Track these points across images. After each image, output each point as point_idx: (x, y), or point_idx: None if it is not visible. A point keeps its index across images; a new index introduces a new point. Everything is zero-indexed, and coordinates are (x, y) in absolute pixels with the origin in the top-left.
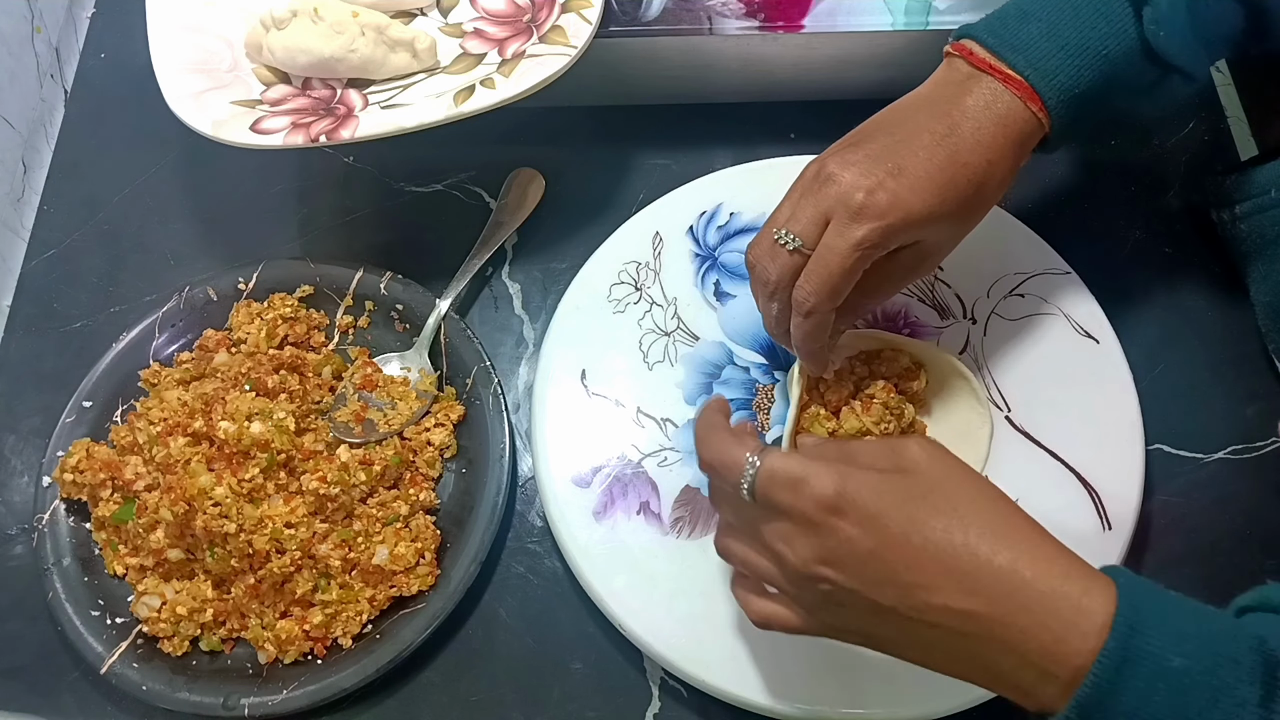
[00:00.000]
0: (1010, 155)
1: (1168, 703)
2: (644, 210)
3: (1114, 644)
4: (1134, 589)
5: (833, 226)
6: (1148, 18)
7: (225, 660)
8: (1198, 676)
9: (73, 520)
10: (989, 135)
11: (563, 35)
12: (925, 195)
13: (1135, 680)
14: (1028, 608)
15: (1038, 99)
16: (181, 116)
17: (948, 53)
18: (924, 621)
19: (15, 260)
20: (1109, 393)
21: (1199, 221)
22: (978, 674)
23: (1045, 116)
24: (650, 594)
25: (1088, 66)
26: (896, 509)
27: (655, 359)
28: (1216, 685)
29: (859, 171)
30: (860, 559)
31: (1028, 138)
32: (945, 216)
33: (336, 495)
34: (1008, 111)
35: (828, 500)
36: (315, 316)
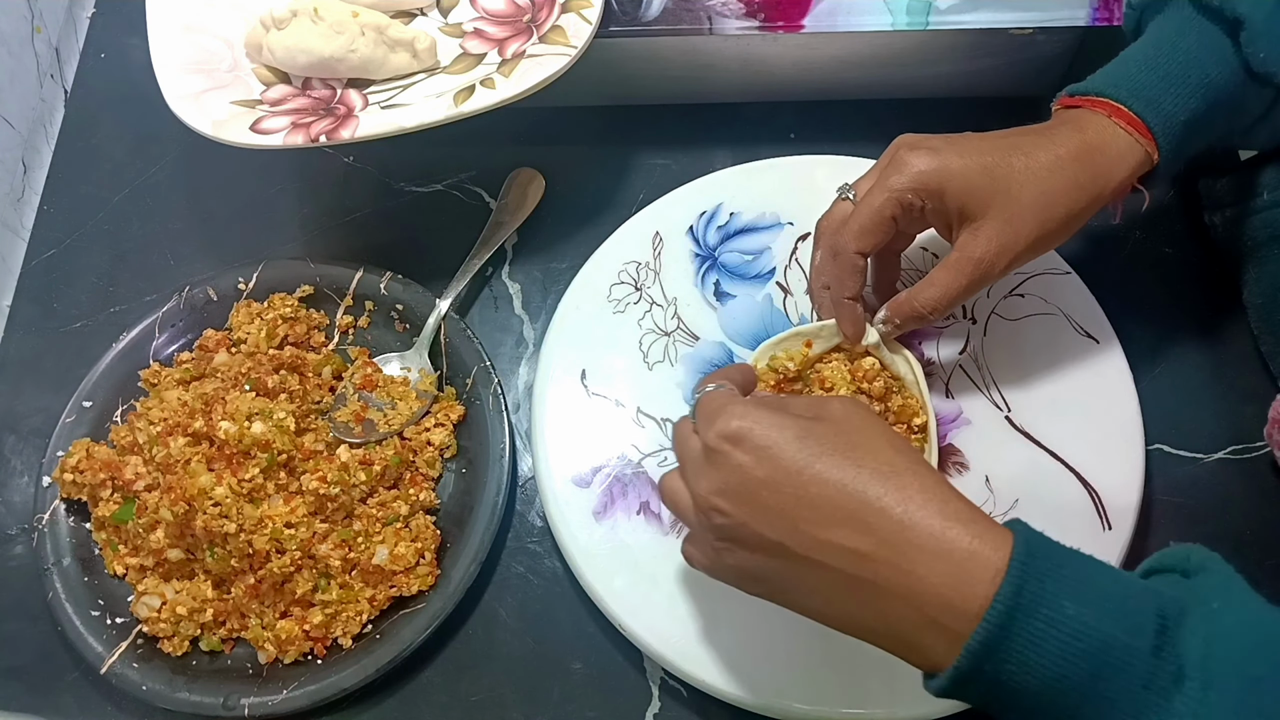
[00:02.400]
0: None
1: (1059, 649)
2: (644, 210)
3: (1008, 588)
4: (1031, 538)
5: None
6: (1244, 39)
7: (225, 660)
8: (1090, 623)
9: (73, 520)
10: (1064, 140)
11: (563, 35)
12: (968, 160)
13: (1028, 625)
14: (916, 550)
15: (1140, 123)
16: (181, 116)
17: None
18: (813, 560)
19: (15, 260)
20: (1109, 393)
21: (1198, 222)
22: (871, 625)
23: (1151, 143)
24: (650, 594)
25: (1192, 94)
26: (793, 443)
27: (655, 359)
28: (1108, 633)
29: (923, 136)
30: (751, 488)
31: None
32: (986, 192)
33: (336, 495)
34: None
35: (729, 431)
36: (315, 316)
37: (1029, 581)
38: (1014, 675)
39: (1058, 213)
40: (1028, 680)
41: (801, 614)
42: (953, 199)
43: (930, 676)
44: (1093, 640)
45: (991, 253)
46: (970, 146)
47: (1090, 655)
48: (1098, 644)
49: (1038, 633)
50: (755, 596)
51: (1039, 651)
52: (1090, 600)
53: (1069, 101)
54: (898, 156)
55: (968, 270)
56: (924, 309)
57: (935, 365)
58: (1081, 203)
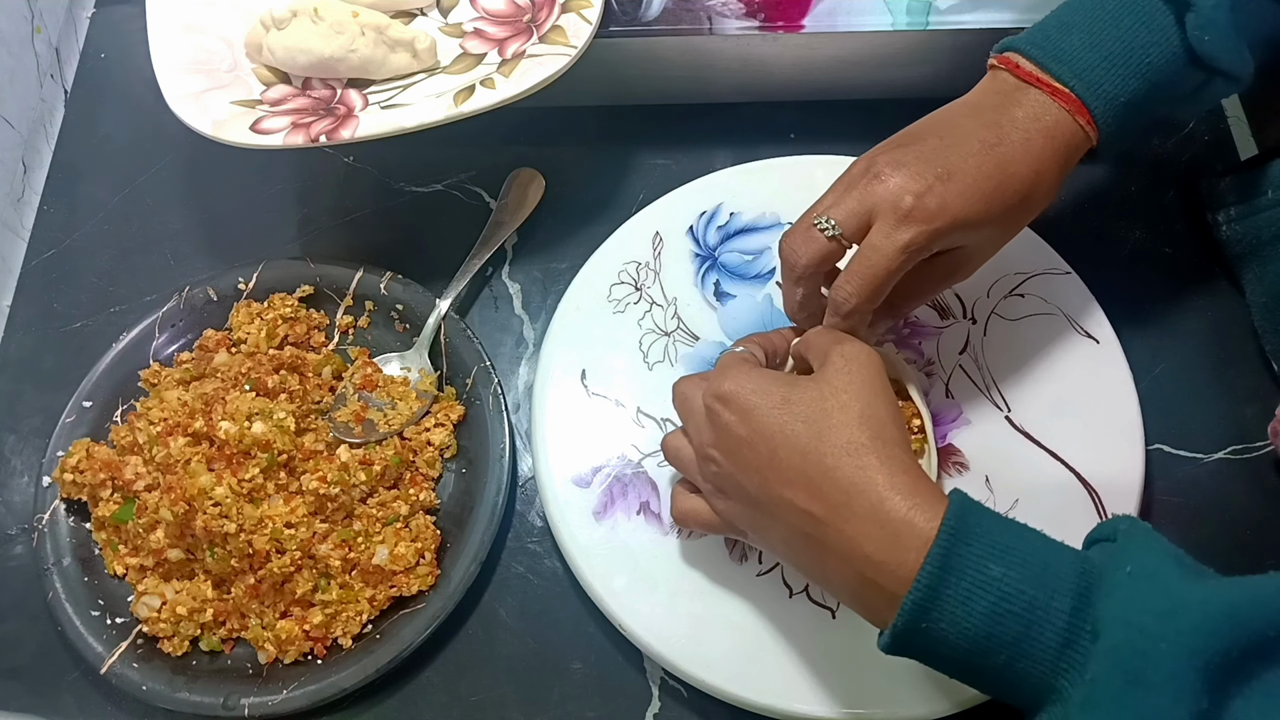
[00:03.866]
0: (1056, 167)
1: (987, 609)
2: (644, 210)
3: (936, 552)
4: (964, 506)
5: (879, 227)
6: (1191, 23)
7: (225, 660)
8: (1015, 584)
9: (73, 520)
10: (1037, 146)
11: (563, 35)
12: (973, 201)
13: (956, 588)
14: (856, 517)
15: (1085, 111)
16: (181, 116)
17: (992, 65)
18: (778, 515)
19: (15, 260)
20: (1109, 393)
21: (1199, 221)
22: (826, 579)
23: (1093, 129)
24: (650, 594)
25: (1133, 75)
26: (773, 408)
27: (655, 359)
28: (1032, 594)
29: (910, 174)
30: (735, 444)
31: (1074, 150)
32: (990, 223)
33: (336, 495)
34: (1055, 124)
35: (722, 391)
36: (315, 316)
37: (956, 546)
38: (947, 634)
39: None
40: (960, 638)
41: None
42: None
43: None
44: (1017, 601)
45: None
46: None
47: (1016, 615)
48: (1022, 605)
49: (964, 594)
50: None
51: (967, 611)
52: (1015, 564)
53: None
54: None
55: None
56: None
57: (935, 365)
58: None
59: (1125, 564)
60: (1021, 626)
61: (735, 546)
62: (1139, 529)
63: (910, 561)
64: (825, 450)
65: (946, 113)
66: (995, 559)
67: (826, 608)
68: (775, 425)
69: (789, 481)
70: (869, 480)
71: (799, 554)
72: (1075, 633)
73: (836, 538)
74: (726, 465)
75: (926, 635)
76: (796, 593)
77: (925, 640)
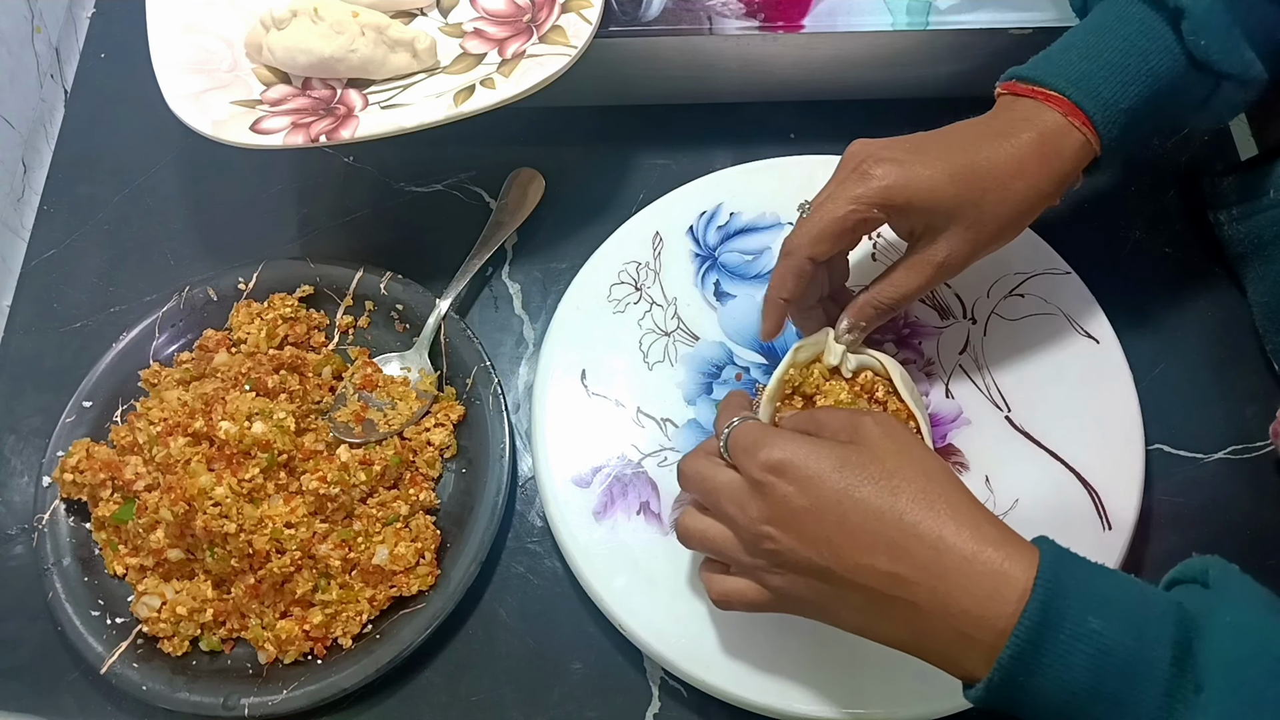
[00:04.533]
0: (1046, 166)
1: (1085, 662)
2: (644, 210)
3: (1034, 606)
4: (1057, 556)
5: (834, 179)
6: (1186, 28)
7: (225, 660)
8: (1115, 638)
9: (73, 520)
10: (1021, 140)
11: (563, 35)
12: (934, 171)
13: (1055, 642)
14: (950, 573)
15: (1081, 114)
16: (181, 116)
17: (997, 94)
18: (855, 582)
19: (15, 260)
20: (1109, 393)
21: (1199, 221)
22: (911, 641)
23: (1092, 133)
24: (650, 594)
25: (1133, 82)
26: (833, 472)
27: (655, 359)
28: (1132, 647)
29: (881, 144)
30: (797, 516)
31: (1071, 154)
32: (958, 206)
33: (336, 495)
34: (1046, 125)
35: (773, 462)
36: (315, 316)
37: (1055, 599)
38: (1044, 687)
39: (1020, 216)
40: (1058, 692)
41: (844, 630)
42: (919, 211)
43: (969, 687)
44: (1117, 655)
45: (954, 257)
46: (932, 151)
47: (1115, 669)
48: (1122, 658)
49: (1064, 647)
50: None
51: (1066, 665)
52: (1113, 616)
53: (1016, 89)
54: (861, 168)
55: (929, 272)
56: (886, 305)
57: (935, 365)
58: (1039, 205)
59: (1224, 614)
60: (1121, 680)
61: None
62: (1231, 573)
63: (1008, 614)
64: (902, 509)
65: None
66: (1093, 611)
67: None
68: (841, 488)
69: (866, 546)
70: (955, 533)
71: (881, 619)
72: (1177, 686)
73: (928, 597)
74: (787, 540)
75: (1022, 689)
76: None
77: (1020, 693)
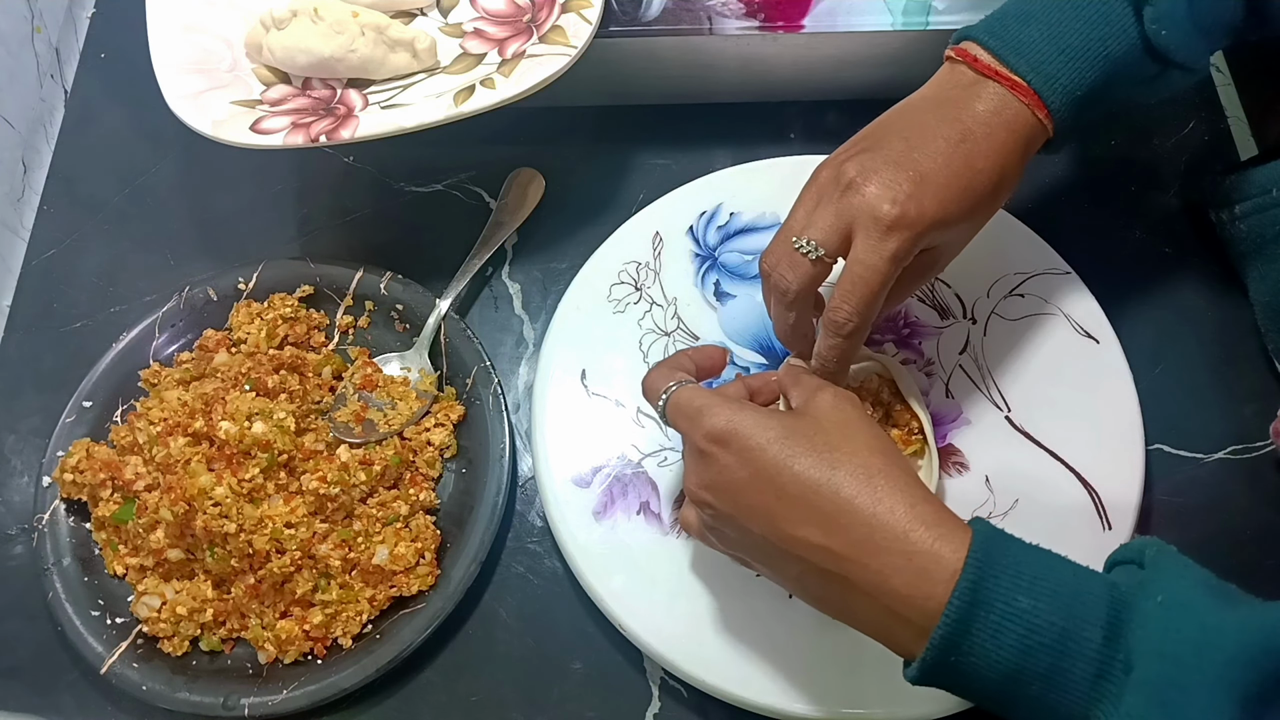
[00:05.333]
0: (1018, 158)
1: (1017, 642)
2: (644, 210)
3: (964, 585)
4: (989, 537)
5: (863, 242)
6: (1149, 16)
7: (225, 660)
8: (1045, 616)
9: (73, 520)
10: (999, 140)
11: (563, 35)
12: (947, 202)
13: (986, 620)
14: (882, 551)
15: (1043, 105)
16: (181, 116)
17: (949, 56)
18: (790, 553)
19: (15, 260)
20: (1109, 393)
21: (1199, 221)
22: (846, 614)
23: (1049, 120)
24: (650, 594)
25: (1090, 68)
26: (774, 444)
27: (655, 359)
28: (1063, 626)
29: (883, 181)
30: (736, 487)
31: (1033, 141)
32: (963, 219)
33: (336, 495)
34: (1014, 117)
35: (715, 431)
36: (315, 316)
37: (985, 579)
38: (977, 666)
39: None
40: (991, 670)
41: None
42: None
43: (907, 665)
44: (1048, 633)
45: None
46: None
47: (1047, 647)
48: (1053, 636)
49: (995, 626)
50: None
51: (998, 644)
52: (1044, 594)
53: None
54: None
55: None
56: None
57: (935, 365)
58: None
59: (1156, 593)
60: (1053, 658)
61: None
62: (1166, 554)
63: (938, 595)
64: (840, 482)
65: (907, 109)
66: (1024, 590)
67: None
68: (781, 459)
69: (801, 518)
70: (890, 511)
71: (817, 590)
72: (1108, 664)
73: (860, 573)
74: (725, 507)
75: (955, 668)
76: None
77: (954, 673)
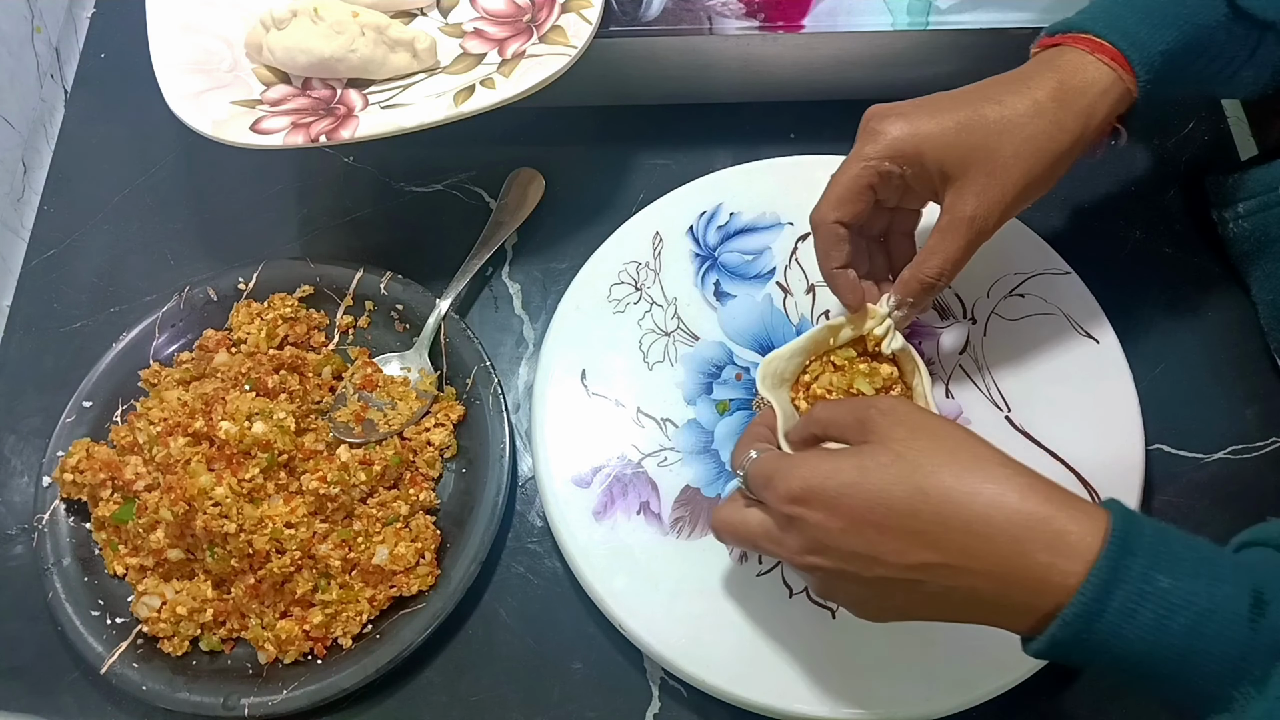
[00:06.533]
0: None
1: (1153, 619)
2: (644, 210)
3: (1103, 563)
4: (1126, 517)
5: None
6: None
7: (225, 660)
8: (1185, 596)
9: (73, 520)
10: (1040, 82)
11: (563, 35)
12: (942, 119)
13: (1120, 598)
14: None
15: (1108, 48)
16: (181, 116)
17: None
18: (912, 580)
19: (15, 260)
20: (1109, 393)
21: (1199, 221)
22: (979, 616)
23: (1125, 70)
24: (650, 594)
25: (1169, 26)
26: (856, 485)
27: (655, 359)
28: (1203, 606)
29: (893, 104)
30: (835, 539)
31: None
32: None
33: (336, 495)
34: (1068, 63)
35: (794, 494)
36: (315, 316)
37: (1123, 558)
38: (1110, 644)
39: (1043, 158)
40: (1126, 648)
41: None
42: (931, 162)
43: (1028, 640)
44: (1188, 613)
45: (982, 209)
46: (942, 105)
47: (1186, 628)
48: (1193, 616)
49: (1131, 605)
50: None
51: (1134, 623)
52: (1184, 574)
53: (1047, 41)
54: (868, 126)
55: (962, 230)
56: (930, 277)
57: (935, 365)
58: (1065, 144)
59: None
60: (1190, 639)
61: None
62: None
63: (1075, 573)
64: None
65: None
66: (1164, 569)
67: (826, 608)
68: (870, 499)
69: (910, 547)
70: (1000, 507)
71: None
72: (1253, 645)
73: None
74: (831, 563)
75: (1085, 644)
76: (796, 593)
77: (1084, 649)
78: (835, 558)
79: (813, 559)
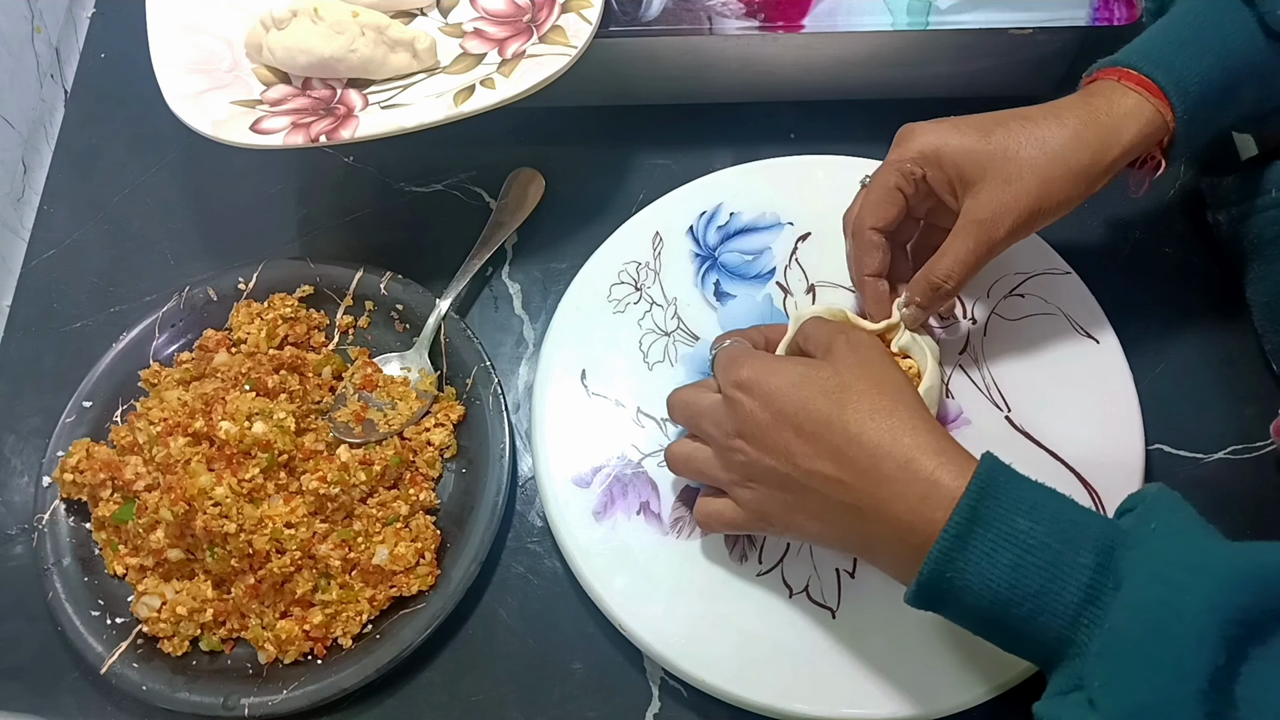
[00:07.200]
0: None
1: (1011, 559)
2: (644, 210)
3: (965, 503)
4: (994, 466)
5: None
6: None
7: (225, 660)
8: (1041, 537)
9: (73, 520)
10: (1068, 105)
11: (563, 35)
12: (964, 128)
13: (983, 539)
14: (888, 478)
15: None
16: (181, 116)
17: None
18: (809, 488)
19: (15, 260)
20: (1109, 393)
21: (1199, 221)
22: (858, 543)
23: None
24: (650, 594)
25: (1204, 53)
26: (791, 387)
27: (655, 359)
28: (1058, 548)
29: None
30: (761, 428)
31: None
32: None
33: (336, 495)
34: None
35: (740, 379)
36: (315, 316)
37: (985, 500)
38: (971, 584)
39: (1058, 169)
40: (985, 589)
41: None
42: (949, 165)
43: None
44: (1042, 553)
45: (994, 213)
46: (971, 120)
47: (1040, 567)
48: (1047, 557)
49: (991, 545)
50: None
51: (992, 563)
52: (1042, 519)
53: (1087, 80)
54: (899, 135)
55: (972, 232)
56: (938, 278)
57: None
58: (1084, 159)
59: (1150, 521)
60: (1045, 579)
61: (736, 545)
62: (1166, 493)
63: (939, 519)
64: (848, 418)
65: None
66: (1023, 514)
67: (826, 608)
68: (797, 402)
69: (816, 454)
70: (895, 441)
71: (834, 527)
72: (1098, 587)
73: (870, 502)
74: (753, 451)
75: (951, 585)
76: (796, 592)
77: (950, 591)
78: (757, 446)
79: (738, 441)
